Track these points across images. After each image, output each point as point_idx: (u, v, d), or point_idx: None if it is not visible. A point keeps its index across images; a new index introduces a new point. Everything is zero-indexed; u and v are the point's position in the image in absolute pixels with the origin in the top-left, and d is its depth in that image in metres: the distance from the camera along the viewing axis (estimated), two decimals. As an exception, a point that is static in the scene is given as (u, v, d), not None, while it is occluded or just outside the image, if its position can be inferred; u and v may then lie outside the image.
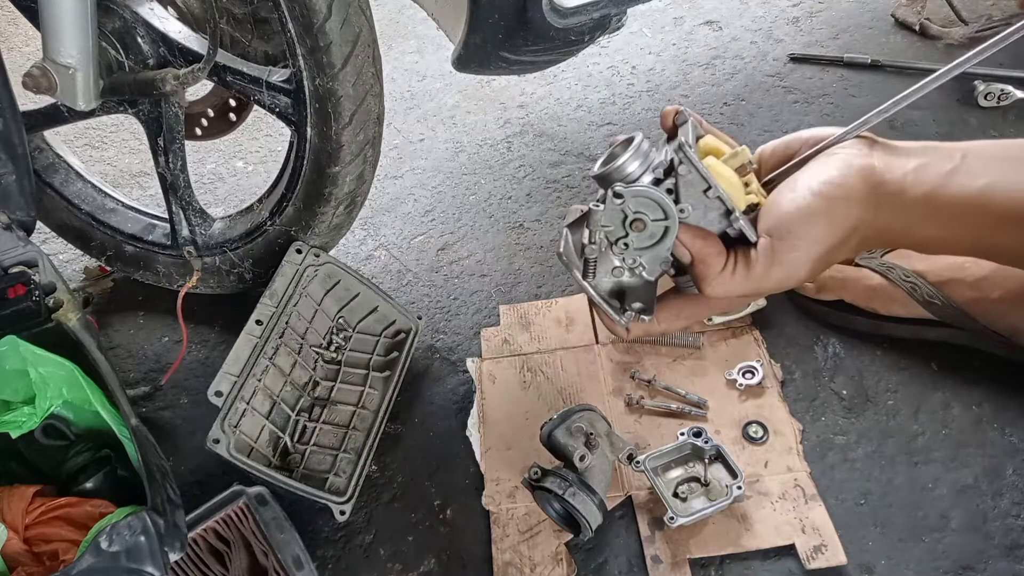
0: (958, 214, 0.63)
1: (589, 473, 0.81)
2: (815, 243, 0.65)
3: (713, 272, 0.67)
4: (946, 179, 0.62)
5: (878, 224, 0.65)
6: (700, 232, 0.67)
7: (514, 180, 1.36)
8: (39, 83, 0.91)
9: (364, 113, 0.95)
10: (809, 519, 0.83)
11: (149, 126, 1.06)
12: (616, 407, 0.97)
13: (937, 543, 0.80)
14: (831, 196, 0.64)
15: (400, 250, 1.27)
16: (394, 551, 0.90)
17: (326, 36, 0.86)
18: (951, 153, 0.64)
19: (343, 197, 1.02)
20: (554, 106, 1.51)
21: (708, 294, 0.69)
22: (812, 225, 0.64)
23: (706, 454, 0.85)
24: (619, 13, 0.92)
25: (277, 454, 0.94)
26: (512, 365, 1.05)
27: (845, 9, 1.60)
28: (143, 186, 1.50)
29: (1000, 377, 0.91)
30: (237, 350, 0.93)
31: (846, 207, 0.64)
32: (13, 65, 0.96)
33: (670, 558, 0.82)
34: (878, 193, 0.64)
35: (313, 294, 1.03)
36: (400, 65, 1.71)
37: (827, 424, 0.92)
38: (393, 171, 1.43)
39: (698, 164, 0.64)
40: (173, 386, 1.11)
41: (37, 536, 0.80)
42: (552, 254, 1.21)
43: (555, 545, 0.86)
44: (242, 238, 1.11)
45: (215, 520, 0.85)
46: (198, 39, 0.99)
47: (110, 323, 1.23)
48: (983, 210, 0.62)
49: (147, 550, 0.68)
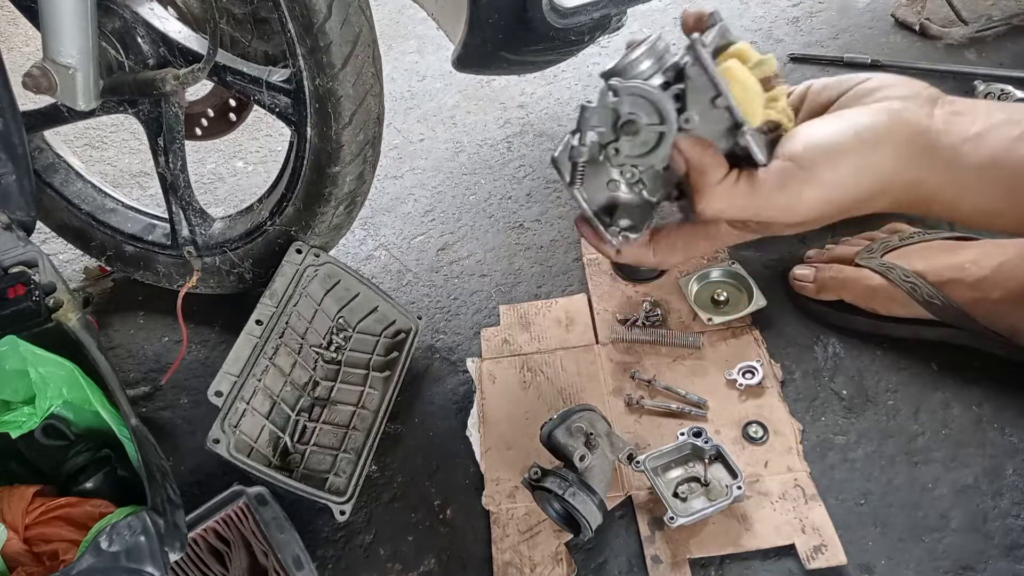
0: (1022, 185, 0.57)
1: (589, 473, 0.81)
2: (835, 187, 0.58)
3: (710, 182, 0.59)
4: (1013, 144, 0.57)
5: (921, 191, 0.59)
6: (701, 141, 0.59)
7: (514, 180, 1.36)
8: (39, 83, 0.91)
9: (364, 113, 0.95)
10: (809, 519, 0.83)
11: (149, 126, 1.06)
12: (616, 407, 0.97)
13: (937, 543, 0.80)
14: (870, 144, 0.58)
15: (400, 250, 1.27)
16: (394, 551, 0.90)
17: (326, 36, 0.86)
18: (1021, 118, 0.57)
19: (343, 197, 1.02)
20: (554, 106, 1.51)
21: (702, 210, 0.61)
22: (839, 166, 0.57)
23: (706, 454, 0.85)
24: (619, 13, 0.92)
25: (277, 454, 0.94)
26: (512, 365, 1.05)
27: (845, 9, 1.60)
28: (143, 186, 1.50)
29: (1000, 377, 0.91)
30: (237, 350, 0.93)
31: (882, 161, 0.58)
32: (13, 65, 0.95)
33: (670, 558, 0.82)
34: (931, 156, 0.58)
35: (313, 294, 1.03)
36: (400, 65, 1.71)
37: (827, 424, 0.92)
38: (393, 171, 1.43)
39: (709, 65, 0.56)
40: (173, 386, 1.11)
41: (37, 536, 0.80)
42: (552, 254, 1.21)
43: (555, 545, 0.86)
44: (242, 238, 1.11)
45: (215, 520, 0.85)
46: (198, 39, 0.99)
47: (110, 323, 1.23)
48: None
49: (147, 550, 0.68)
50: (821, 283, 0.99)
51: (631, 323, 1.05)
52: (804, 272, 1.02)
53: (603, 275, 1.14)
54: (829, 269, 0.99)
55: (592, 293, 1.11)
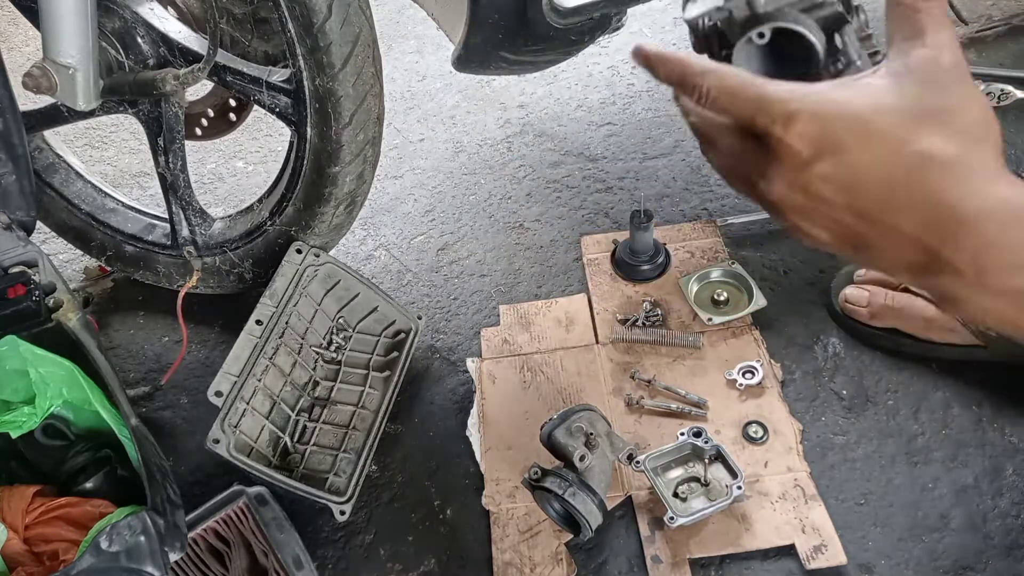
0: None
1: (589, 473, 0.81)
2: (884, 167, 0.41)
3: None
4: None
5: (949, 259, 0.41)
6: None
7: (514, 180, 1.36)
8: (39, 83, 0.91)
9: (364, 113, 0.95)
10: (809, 519, 0.83)
11: (149, 126, 1.06)
12: (616, 407, 0.97)
13: (937, 543, 0.80)
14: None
15: (400, 250, 1.27)
16: (394, 551, 0.90)
17: (326, 36, 0.86)
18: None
19: (343, 197, 1.02)
20: (554, 106, 1.51)
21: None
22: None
23: (706, 454, 0.85)
24: (619, 13, 0.92)
25: (277, 454, 0.94)
26: (512, 365, 1.05)
27: (845, 9, 1.60)
28: (143, 186, 1.50)
29: (1000, 377, 0.91)
30: (237, 350, 0.93)
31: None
32: (13, 65, 0.95)
33: (670, 558, 0.82)
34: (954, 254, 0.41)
35: (313, 294, 1.03)
36: (400, 65, 1.71)
37: (827, 424, 0.92)
38: (393, 171, 1.43)
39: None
40: (173, 386, 1.11)
41: (37, 536, 0.80)
42: (552, 254, 1.21)
43: (555, 545, 0.86)
44: (242, 238, 1.11)
45: (215, 520, 0.85)
46: (198, 39, 0.99)
47: (110, 323, 1.23)
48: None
49: (147, 550, 0.68)
50: (875, 310, 0.95)
51: (631, 323, 1.05)
52: (857, 295, 0.97)
53: (603, 275, 1.14)
54: (884, 296, 0.95)
55: (592, 293, 1.11)
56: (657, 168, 1.32)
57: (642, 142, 1.39)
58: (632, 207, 1.12)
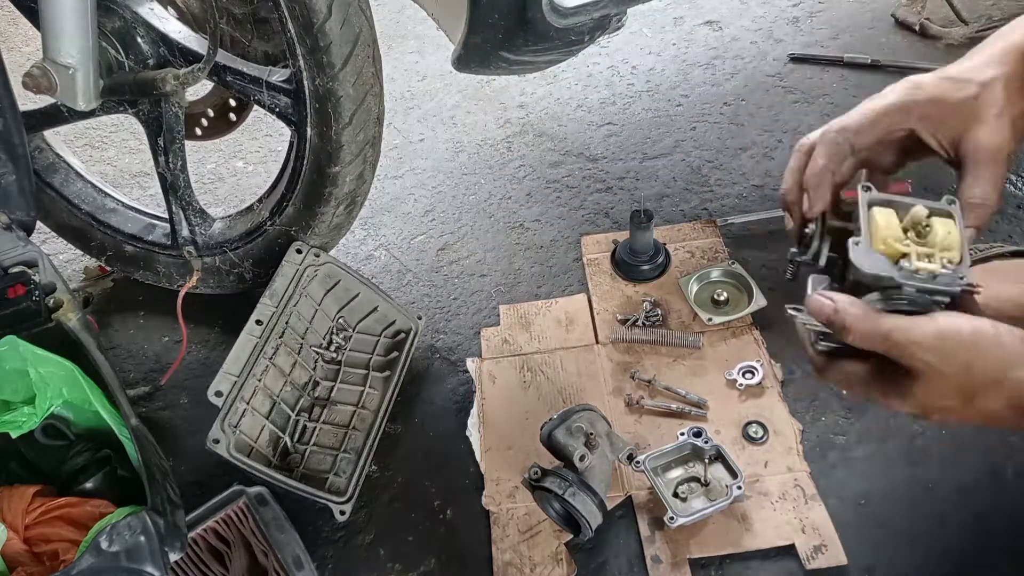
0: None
1: (589, 473, 0.81)
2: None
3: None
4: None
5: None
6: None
7: (514, 180, 1.36)
8: (39, 83, 0.91)
9: (364, 113, 0.95)
10: (809, 519, 0.83)
11: (149, 126, 1.06)
12: (616, 407, 0.97)
13: (937, 543, 0.80)
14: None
15: (400, 250, 1.27)
16: (394, 551, 0.90)
17: (326, 36, 0.86)
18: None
19: (343, 197, 1.02)
20: (554, 106, 1.51)
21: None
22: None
23: (706, 454, 0.85)
24: (619, 13, 0.92)
25: (277, 454, 0.94)
26: (512, 365, 1.05)
27: (845, 9, 1.60)
28: (143, 186, 1.50)
29: (1000, 377, 0.91)
30: (237, 350, 0.92)
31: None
32: (13, 65, 0.95)
33: (670, 558, 0.82)
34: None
35: (313, 294, 1.03)
36: (400, 65, 1.71)
37: (827, 424, 0.92)
38: (393, 171, 1.43)
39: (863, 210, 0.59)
40: (173, 386, 1.11)
41: (37, 536, 0.80)
42: (552, 254, 1.21)
43: (555, 545, 0.86)
44: (242, 238, 1.11)
45: (215, 520, 0.85)
46: (198, 39, 0.99)
47: (110, 323, 1.23)
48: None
49: (147, 550, 0.68)
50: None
51: (631, 323, 1.05)
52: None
53: (603, 275, 1.14)
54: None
55: (592, 293, 1.11)
56: (657, 168, 1.32)
57: (642, 142, 1.39)
58: (632, 207, 1.12)
